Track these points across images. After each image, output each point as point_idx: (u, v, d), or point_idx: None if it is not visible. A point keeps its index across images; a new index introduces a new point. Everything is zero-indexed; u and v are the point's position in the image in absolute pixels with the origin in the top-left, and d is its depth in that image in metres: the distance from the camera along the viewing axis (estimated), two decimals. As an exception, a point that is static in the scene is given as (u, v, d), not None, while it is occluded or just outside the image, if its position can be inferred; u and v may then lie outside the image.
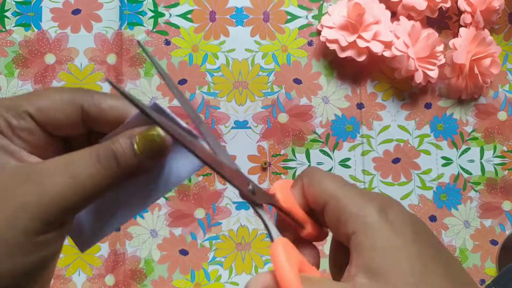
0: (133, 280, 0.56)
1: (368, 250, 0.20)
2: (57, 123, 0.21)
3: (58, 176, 0.18)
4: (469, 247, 0.60)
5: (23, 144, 0.20)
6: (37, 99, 0.20)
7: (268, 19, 0.60)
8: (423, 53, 0.56)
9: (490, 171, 0.61)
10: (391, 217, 0.21)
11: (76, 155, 0.19)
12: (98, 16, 0.59)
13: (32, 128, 0.20)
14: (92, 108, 0.21)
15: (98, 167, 0.19)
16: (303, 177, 0.24)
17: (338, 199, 0.22)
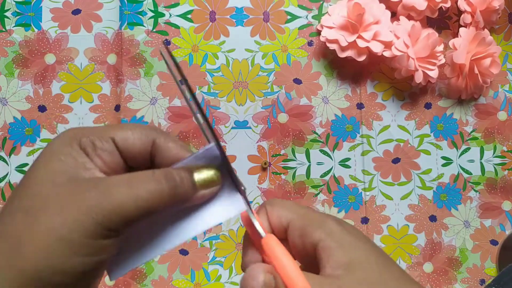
0: (133, 280, 0.56)
1: (338, 248, 0.23)
2: (133, 150, 0.24)
3: (121, 187, 0.21)
4: (469, 247, 0.60)
5: (100, 162, 0.23)
6: (122, 128, 0.24)
7: (268, 19, 0.60)
8: (423, 53, 0.56)
9: (490, 171, 0.61)
10: (346, 227, 0.25)
11: (140, 173, 0.22)
12: (98, 16, 0.59)
13: (112, 151, 0.23)
14: (161, 144, 0.24)
15: (158, 185, 0.22)
16: (266, 205, 0.27)
17: (302, 216, 0.25)
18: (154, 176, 0.22)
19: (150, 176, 0.22)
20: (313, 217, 0.25)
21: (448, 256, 0.60)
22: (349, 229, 0.25)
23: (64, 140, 0.23)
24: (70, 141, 0.23)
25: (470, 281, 0.60)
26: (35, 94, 0.57)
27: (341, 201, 0.59)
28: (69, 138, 0.23)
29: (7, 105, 0.57)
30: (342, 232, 0.24)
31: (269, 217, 0.26)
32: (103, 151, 0.23)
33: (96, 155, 0.23)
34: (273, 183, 0.59)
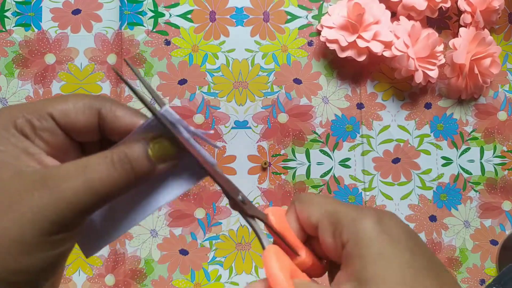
0: (133, 280, 0.56)
1: (358, 259, 0.20)
2: (77, 125, 0.22)
3: (73, 181, 0.19)
4: (469, 247, 0.60)
5: (43, 145, 0.21)
6: (60, 102, 0.22)
7: (268, 19, 0.60)
8: (423, 53, 0.56)
9: (490, 171, 0.61)
10: (386, 227, 0.21)
11: (91, 160, 0.20)
12: (98, 16, 0.59)
13: (53, 129, 0.21)
14: (108, 114, 0.22)
15: (113, 172, 0.20)
16: (295, 201, 0.25)
17: (332, 213, 0.22)
18: (106, 161, 0.20)
19: (102, 163, 0.20)
20: (344, 215, 0.22)
21: (448, 256, 0.60)
22: (389, 228, 0.21)
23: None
24: (5, 123, 0.20)
25: (470, 281, 0.60)
26: (35, 94, 0.57)
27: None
28: (3, 120, 0.20)
29: (7, 105, 0.57)
30: (374, 236, 0.20)
31: (298, 215, 0.24)
32: (44, 131, 0.21)
33: (37, 136, 0.21)
34: (273, 183, 0.59)
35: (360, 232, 0.21)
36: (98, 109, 0.22)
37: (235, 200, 0.24)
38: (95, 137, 0.23)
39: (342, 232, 0.21)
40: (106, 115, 0.22)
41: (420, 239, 0.22)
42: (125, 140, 0.22)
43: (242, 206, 0.24)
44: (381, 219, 0.21)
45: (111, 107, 0.22)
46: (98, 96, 0.23)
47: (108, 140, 0.23)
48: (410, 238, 0.21)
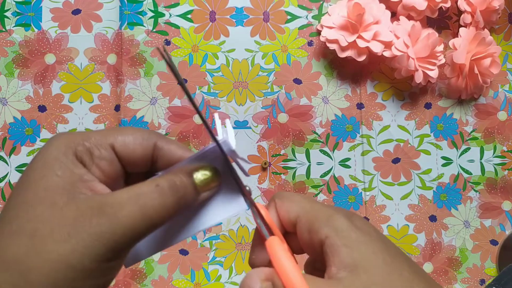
0: (133, 280, 0.56)
1: (344, 247, 0.22)
2: (135, 156, 0.23)
3: (129, 208, 0.20)
4: (469, 247, 0.60)
5: (99, 173, 0.22)
6: (121, 133, 0.23)
7: (268, 19, 0.60)
8: (423, 53, 0.56)
9: (490, 171, 0.61)
10: (356, 223, 0.23)
11: (143, 188, 0.21)
12: (98, 16, 0.59)
13: (111, 159, 0.22)
14: (164, 146, 0.23)
15: (165, 199, 0.21)
16: (275, 198, 0.26)
17: (309, 211, 0.24)
18: (158, 189, 0.21)
19: (154, 190, 0.21)
20: (320, 212, 0.24)
21: (448, 256, 0.60)
22: (359, 224, 0.23)
23: (58, 148, 0.21)
24: (65, 150, 0.21)
25: (470, 281, 0.60)
26: (35, 94, 0.57)
27: (341, 201, 0.59)
28: (64, 146, 0.21)
29: (7, 105, 0.57)
30: (350, 228, 0.22)
31: (278, 211, 0.26)
32: (101, 159, 0.22)
33: (94, 164, 0.22)
34: (273, 183, 0.59)
35: (338, 226, 0.22)
36: (154, 142, 0.23)
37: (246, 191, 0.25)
38: (146, 169, 0.24)
39: (319, 228, 0.23)
40: (162, 148, 0.23)
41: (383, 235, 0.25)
42: (170, 170, 0.23)
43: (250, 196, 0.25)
44: (352, 217, 0.23)
45: (166, 140, 0.24)
46: (153, 131, 0.24)
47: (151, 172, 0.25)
48: (377, 232, 0.23)
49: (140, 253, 0.25)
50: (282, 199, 0.25)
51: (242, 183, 0.25)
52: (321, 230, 0.23)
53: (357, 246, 0.21)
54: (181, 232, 0.25)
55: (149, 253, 0.25)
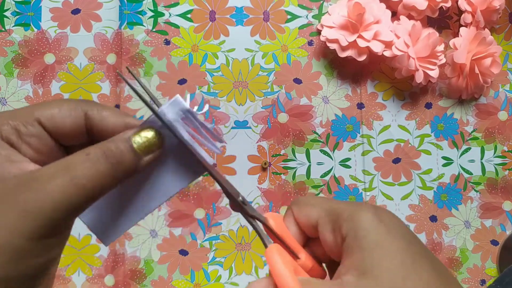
0: (133, 280, 0.56)
1: (357, 249, 0.21)
2: (65, 129, 0.22)
3: (58, 181, 0.19)
4: (469, 247, 0.60)
5: (31, 151, 0.21)
6: (47, 107, 0.22)
7: (268, 18, 0.60)
8: (423, 53, 0.56)
9: (490, 171, 0.61)
10: (382, 218, 0.22)
11: (74, 158, 0.20)
12: (97, 16, 0.58)
13: (41, 134, 0.21)
14: (95, 115, 0.22)
15: (98, 167, 0.20)
16: (292, 205, 0.25)
17: (331, 210, 0.23)
18: (90, 157, 0.20)
19: (85, 158, 0.20)
20: (342, 210, 0.23)
21: (449, 256, 0.60)
22: (385, 220, 0.22)
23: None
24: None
25: (471, 282, 0.60)
26: (34, 94, 0.57)
27: (341, 201, 0.59)
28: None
29: (6, 105, 0.57)
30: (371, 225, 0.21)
31: (296, 218, 0.25)
32: (30, 136, 0.21)
33: (24, 142, 0.21)
34: (273, 183, 0.58)
35: (357, 224, 0.21)
36: (84, 111, 0.22)
37: (236, 201, 0.24)
38: (83, 140, 0.23)
39: (342, 226, 0.22)
40: (94, 117, 0.22)
41: (411, 231, 0.23)
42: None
43: (243, 207, 0.24)
44: (378, 212, 0.22)
45: (97, 108, 0.22)
46: (83, 100, 0.23)
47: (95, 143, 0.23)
48: (404, 229, 0.22)
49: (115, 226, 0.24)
50: (299, 205, 0.25)
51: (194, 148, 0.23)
52: (343, 228, 0.22)
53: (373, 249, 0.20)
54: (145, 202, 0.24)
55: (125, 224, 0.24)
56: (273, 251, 0.22)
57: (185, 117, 0.22)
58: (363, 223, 0.21)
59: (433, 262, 0.21)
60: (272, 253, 0.22)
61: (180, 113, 0.22)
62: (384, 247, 0.20)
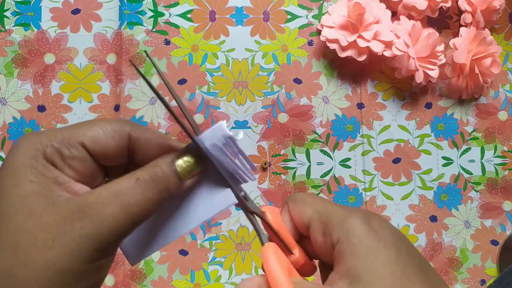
0: (133, 280, 0.56)
1: (350, 256, 0.21)
2: (107, 151, 0.22)
3: (111, 206, 0.20)
4: (469, 247, 0.60)
5: (72, 173, 0.21)
6: (90, 128, 0.22)
7: (268, 18, 0.60)
8: (423, 53, 0.56)
9: (490, 171, 0.61)
10: (373, 226, 0.22)
11: (123, 183, 0.20)
12: (97, 16, 0.58)
13: (83, 157, 0.21)
14: (139, 136, 0.22)
15: (147, 193, 0.20)
16: (288, 201, 0.25)
17: (323, 213, 0.23)
18: (139, 183, 0.20)
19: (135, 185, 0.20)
20: (335, 214, 0.23)
21: (449, 257, 0.60)
22: (376, 226, 0.22)
23: (26, 153, 0.20)
24: (33, 153, 0.20)
25: (471, 282, 0.60)
26: (34, 94, 0.57)
27: (341, 201, 0.59)
28: (31, 150, 0.20)
29: (6, 105, 0.57)
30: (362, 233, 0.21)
31: (291, 214, 0.25)
32: (73, 159, 0.21)
33: (66, 164, 0.21)
34: (273, 183, 0.58)
35: (349, 231, 0.21)
36: (128, 133, 0.22)
37: (239, 196, 0.25)
38: (123, 161, 0.23)
39: (332, 231, 0.22)
40: (137, 138, 0.22)
41: (406, 239, 0.23)
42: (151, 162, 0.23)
43: (245, 202, 0.25)
44: (369, 218, 0.22)
45: (141, 130, 0.22)
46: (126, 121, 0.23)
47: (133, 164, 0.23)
48: (396, 237, 0.22)
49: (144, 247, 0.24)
50: (295, 201, 0.25)
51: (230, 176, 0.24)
52: (334, 233, 0.22)
53: (365, 256, 0.20)
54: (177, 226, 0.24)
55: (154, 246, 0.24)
56: (269, 249, 0.22)
57: (226, 143, 0.23)
58: (354, 230, 0.21)
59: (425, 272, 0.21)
60: (268, 251, 0.22)
61: (222, 139, 0.23)
62: (375, 255, 0.20)
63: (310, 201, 0.24)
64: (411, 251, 0.22)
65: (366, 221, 0.22)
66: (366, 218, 0.22)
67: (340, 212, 0.23)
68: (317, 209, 0.24)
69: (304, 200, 0.25)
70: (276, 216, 0.25)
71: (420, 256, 0.22)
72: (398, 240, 0.22)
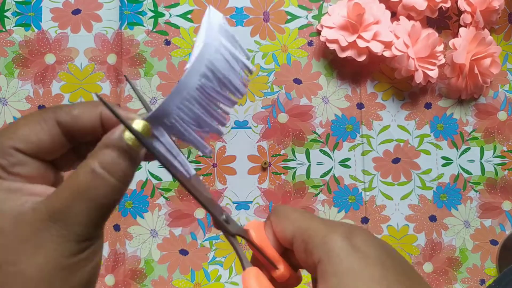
0: (133, 280, 0.56)
1: (331, 276, 0.20)
2: (43, 146, 0.20)
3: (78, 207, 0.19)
4: (469, 247, 0.60)
5: (20, 179, 0.20)
6: (15, 130, 0.20)
7: (268, 19, 0.60)
8: (423, 53, 0.56)
9: (490, 171, 0.61)
10: (355, 242, 0.21)
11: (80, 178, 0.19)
12: (98, 16, 0.59)
13: (23, 160, 0.20)
14: (65, 118, 0.21)
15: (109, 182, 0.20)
16: (271, 216, 0.25)
17: (304, 230, 0.23)
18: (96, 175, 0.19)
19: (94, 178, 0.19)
20: (315, 233, 0.22)
21: (448, 256, 0.60)
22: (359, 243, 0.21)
23: None
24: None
25: (470, 281, 0.60)
26: (35, 94, 0.57)
27: (341, 201, 0.59)
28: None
29: (7, 105, 0.57)
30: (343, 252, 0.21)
31: (273, 229, 0.25)
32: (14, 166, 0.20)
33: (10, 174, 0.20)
34: (273, 183, 0.59)
35: (330, 250, 0.21)
36: (54, 119, 0.21)
37: (219, 220, 0.24)
38: (67, 148, 0.22)
39: (313, 251, 0.22)
40: (66, 121, 0.21)
41: (393, 253, 0.22)
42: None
43: (226, 226, 0.24)
44: (351, 234, 0.21)
45: (66, 110, 0.21)
46: (47, 108, 0.21)
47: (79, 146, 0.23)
48: (381, 253, 0.21)
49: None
50: (278, 216, 0.24)
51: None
52: (315, 252, 0.21)
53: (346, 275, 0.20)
54: None
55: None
56: (250, 275, 0.22)
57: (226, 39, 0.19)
58: (335, 249, 0.21)
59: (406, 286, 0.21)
60: (249, 277, 0.22)
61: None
62: (357, 275, 0.20)
63: (292, 216, 0.24)
64: (398, 266, 0.21)
65: (348, 238, 0.21)
66: (348, 235, 0.21)
67: (321, 230, 0.22)
68: (299, 226, 0.23)
69: (286, 215, 0.24)
70: (259, 231, 0.25)
71: (409, 270, 0.22)
72: (383, 256, 0.21)
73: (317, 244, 0.21)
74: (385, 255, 0.21)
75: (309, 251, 0.22)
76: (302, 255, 0.23)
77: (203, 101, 0.20)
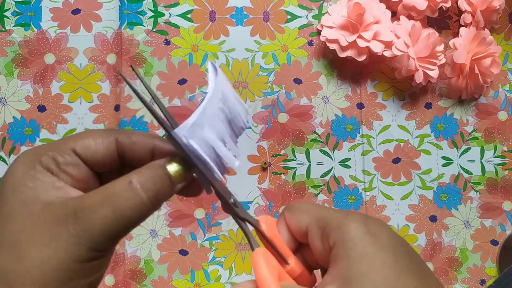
0: (133, 280, 0.56)
1: (344, 259, 0.21)
2: (98, 156, 0.23)
3: (101, 211, 0.20)
4: (469, 247, 0.60)
5: (68, 178, 0.22)
6: (80, 137, 0.23)
7: (268, 18, 0.60)
8: (423, 53, 0.56)
9: (490, 171, 0.61)
10: (370, 229, 0.22)
11: (117, 186, 0.21)
12: (97, 16, 0.58)
13: (76, 163, 0.23)
14: (125, 140, 0.23)
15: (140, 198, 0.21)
16: (284, 211, 0.26)
17: (320, 218, 0.23)
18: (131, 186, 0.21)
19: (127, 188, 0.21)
20: (331, 219, 0.23)
21: (449, 256, 0.60)
22: (373, 230, 0.21)
23: (25, 164, 0.22)
24: (31, 163, 0.22)
25: (471, 281, 0.60)
26: (34, 94, 0.57)
27: (341, 201, 0.59)
28: (29, 161, 0.22)
29: (6, 105, 0.57)
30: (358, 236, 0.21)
31: (288, 224, 0.25)
32: (67, 165, 0.22)
33: (62, 171, 0.22)
34: (273, 183, 0.58)
35: (345, 234, 0.21)
36: (115, 138, 0.23)
37: (228, 202, 0.24)
38: (115, 167, 0.24)
39: (330, 235, 0.22)
40: (124, 142, 0.23)
41: (405, 242, 0.23)
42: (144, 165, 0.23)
43: (234, 209, 0.25)
44: (367, 222, 0.22)
45: (127, 134, 0.24)
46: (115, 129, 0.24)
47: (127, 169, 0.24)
48: (394, 240, 0.22)
49: None
50: (291, 211, 0.25)
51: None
52: (331, 236, 0.22)
53: (359, 260, 0.20)
54: None
55: None
56: (259, 254, 0.22)
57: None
58: (350, 233, 0.21)
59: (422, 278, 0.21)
60: (257, 256, 0.22)
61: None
62: (369, 259, 0.20)
63: (306, 208, 0.25)
64: (409, 255, 0.21)
65: (364, 224, 0.22)
66: (364, 222, 0.22)
67: (338, 216, 0.23)
68: (314, 215, 0.24)
69: (300, 208, 0.25)
70: (271, 226, 0.25)
71: (419, 260, 0.22)
72: (396, 244, 0.21)
73: (333, 228, 0.22)
74: (398, 244, 0.22)
75: (325, 236, 0.22)
76: (317, 243, 0.23)
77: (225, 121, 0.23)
